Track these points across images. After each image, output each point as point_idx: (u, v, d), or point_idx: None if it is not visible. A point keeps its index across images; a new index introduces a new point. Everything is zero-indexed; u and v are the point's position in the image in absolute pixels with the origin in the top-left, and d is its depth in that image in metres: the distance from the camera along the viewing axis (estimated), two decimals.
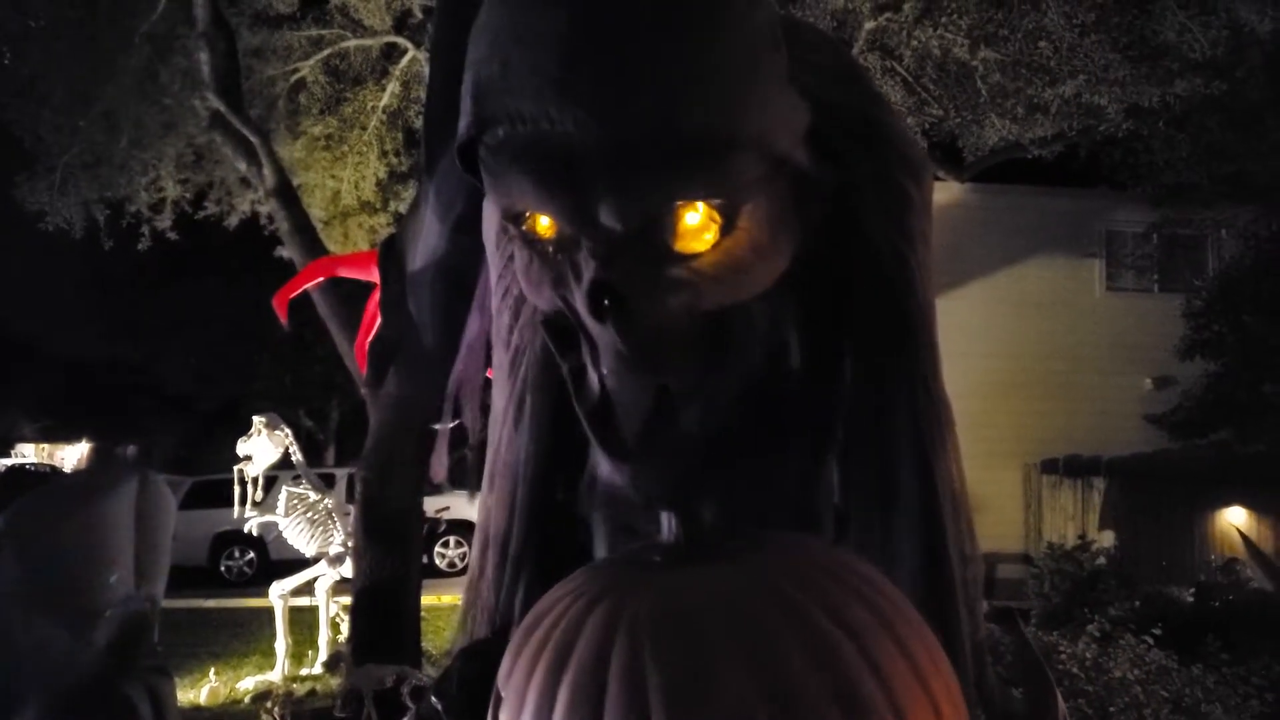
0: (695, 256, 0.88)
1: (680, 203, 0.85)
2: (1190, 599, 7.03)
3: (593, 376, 0.94)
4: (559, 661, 0.67)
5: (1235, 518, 11.04)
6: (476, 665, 1.06)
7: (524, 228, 0.90)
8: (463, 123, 0.87)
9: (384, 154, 8.64)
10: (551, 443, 1.08)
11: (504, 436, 1.12)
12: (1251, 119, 9.18)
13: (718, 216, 0.87)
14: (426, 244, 1.55)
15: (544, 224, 0.88)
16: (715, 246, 0.88)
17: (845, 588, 0.71)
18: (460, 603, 1.24)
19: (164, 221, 8.00)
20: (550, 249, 0.89)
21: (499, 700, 0.73)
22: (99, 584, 2.98)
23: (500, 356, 1.14)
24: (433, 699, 1.07)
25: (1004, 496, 11.21)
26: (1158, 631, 4.87)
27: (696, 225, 0.86)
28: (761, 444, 0.99)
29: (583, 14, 0.79)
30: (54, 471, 17.58)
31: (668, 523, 0.76)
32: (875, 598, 0.71)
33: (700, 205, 0.85)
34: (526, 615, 0.79)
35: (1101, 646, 4.75)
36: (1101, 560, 7.61)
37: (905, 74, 7.10)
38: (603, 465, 1.01)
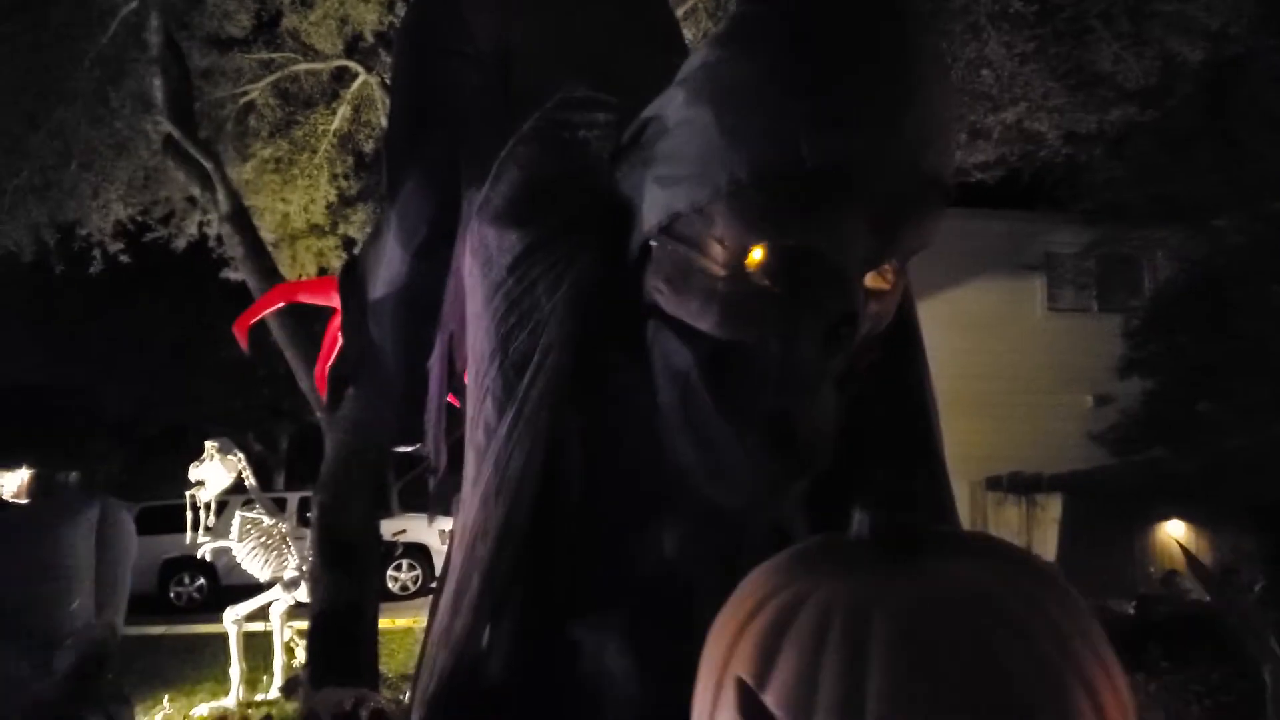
0: (883, 293, 0.97)
1: None
2: (1131, 611, 7.17)
3: (770, 406, 0.96)
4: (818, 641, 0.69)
5: (1174, 531, 11.30)
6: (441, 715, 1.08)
7: (744, 262, 0.92)
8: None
9: (334, 177, 8.56)
10: (552, 465, 1.07)
11: (500, 451, 1.06)
12: (1182, 144, 9.50)
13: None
14: (388, 270, 1.52)
15: (756, 256, 0.91)
16: (895, 285, 0.98)
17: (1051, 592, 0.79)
18: (425, 638, 1.19)
19: (116, 244, 7.89)
20: (768, 281, 0.92)
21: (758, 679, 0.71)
22: (59, 612, 2.96)
23: (505, 376, 1.08)
24: None
25: None
26: None
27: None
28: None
29: (893, 71, 0.86)
30: None
31: (861, 520, 0.78)
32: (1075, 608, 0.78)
33: None
34: (737, 601, 0.78)
35: None
36: None
37: None
38: (715, 487, 1.02)
